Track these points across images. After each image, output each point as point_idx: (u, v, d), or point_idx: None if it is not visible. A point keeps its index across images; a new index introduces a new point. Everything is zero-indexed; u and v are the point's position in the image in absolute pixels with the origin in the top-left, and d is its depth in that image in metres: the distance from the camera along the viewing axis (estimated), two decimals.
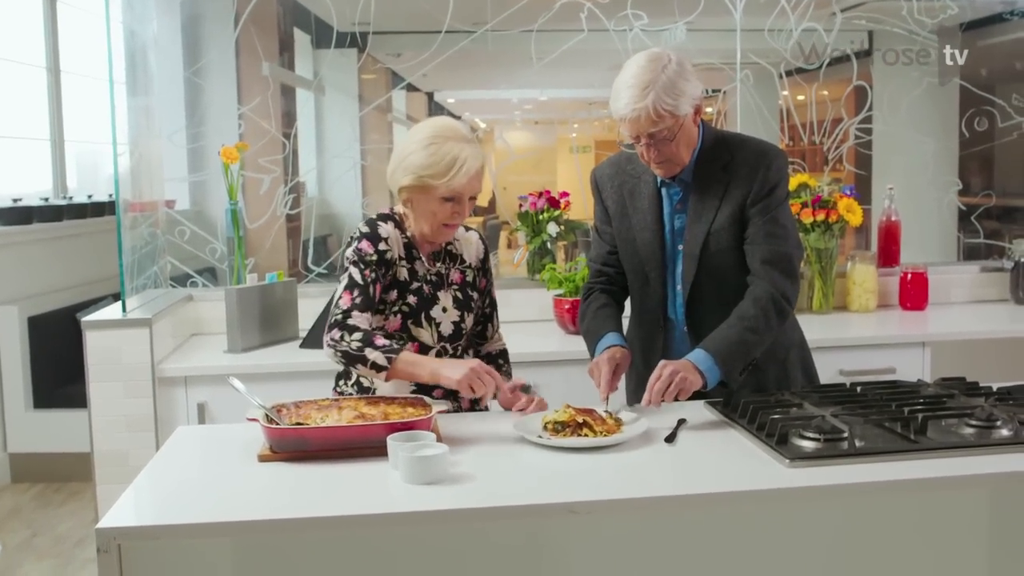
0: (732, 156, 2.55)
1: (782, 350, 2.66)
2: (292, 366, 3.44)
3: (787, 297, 2.49)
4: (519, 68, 4.23)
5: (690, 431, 2.35)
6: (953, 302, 4.31)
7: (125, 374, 3.36)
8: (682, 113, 2.42)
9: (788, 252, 2.52)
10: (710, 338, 2.45)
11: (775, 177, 2.53)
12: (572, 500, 1.93)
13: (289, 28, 4.38)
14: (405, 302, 2.54)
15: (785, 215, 2.56)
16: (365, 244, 2.50)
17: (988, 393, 2.47)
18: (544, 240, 4.13)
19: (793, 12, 4.22)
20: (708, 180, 2.55)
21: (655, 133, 2.42)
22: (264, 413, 2.26)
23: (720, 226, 2.53)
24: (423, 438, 2.13)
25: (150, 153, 4.02)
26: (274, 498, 2.00)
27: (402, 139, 2.54)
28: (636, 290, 2.73)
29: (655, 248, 2.62)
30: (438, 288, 2.60)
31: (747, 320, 2.44)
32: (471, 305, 2.65)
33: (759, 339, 2.45)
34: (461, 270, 2.66)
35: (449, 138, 2.45)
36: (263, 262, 4.06)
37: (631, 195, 2.67)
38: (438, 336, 2.58)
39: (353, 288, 2.46)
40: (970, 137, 4.46)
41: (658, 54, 2.44)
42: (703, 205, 2.55)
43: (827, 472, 2.03)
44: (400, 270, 2.54)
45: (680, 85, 2.40)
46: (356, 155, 4.27)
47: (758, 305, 2.46)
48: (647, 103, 2.37)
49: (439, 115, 4.89)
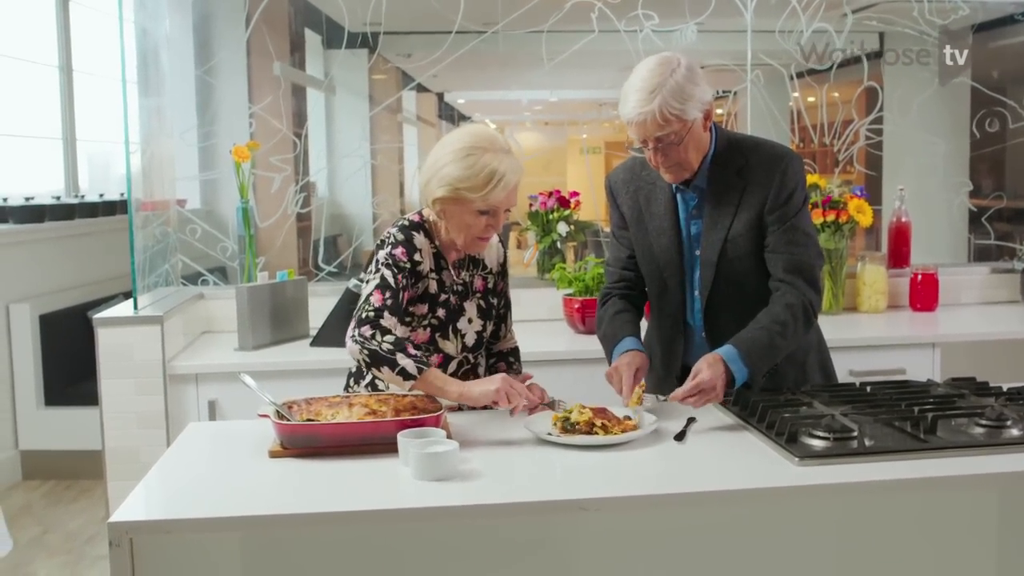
0: (747, 160, 2.53)
1: (801, 353, 2.66)
2: (302, 364, 3.45)
3: (814, 306, 2.49)
4: (529, 69, 4.23)
5: (699, 430, 2.35)
6: (963, 303, 4.31)
7: (136, 371, 3.38)
8: (690, 118, 2.41)
9: (811, 262, 2.51)
10: (741, 339, 2.43)
11: (792, 182, 2.51)
12: (582, 497, 1.94)
13: (300, 28, 4.39)
14: (435, 315, 2.52)
15: (805, 221, 2.54)
16: (400, 251, 2.45)
17: (998, 393, 2.47)
18: (554, 240, 4.14)
19: (804, 13, 4.22)
20: (723, 185, 2.54)
21: (662, 137, 2.41)
22: (275, 409, 2.27)
23: (737, 233, 2.52)
24: (433, 435, 2.14)
25: (162, 152, 4.04)
26: (284, 493, 2.01)
27: (436, 147, 2.48)
28: (655, 295, 2.73)
29: (673, 254, 2.61)
30: (464, 298, 2.58)
31: (779, 325, 2.43)
32: (492, 313, 2.64)
33: (787, 344, 2.45)
34: (484, 276, 2.63)
35: (487, 149, 2.39)
36: (274, 261, 4.07)
37: (647, 201, 2.65)
38: (462, 347, 2.57)
39: (386, 290, 2.40)
40: (981, 138, 4.45)
41: (667, 58, 2.42)
42: (719, 211, 2.54)
43: (836, 471, 2.03)
44: (430, 283, 2.51)
45: (688, 89, 2.38)
46: (366, 155, 4.28)
47: (790, 311, 2.45)
48: (653, 107, 2.36)
49: (449, 116, 4.91)
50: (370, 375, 2.58)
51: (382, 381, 2.56)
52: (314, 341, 3.64)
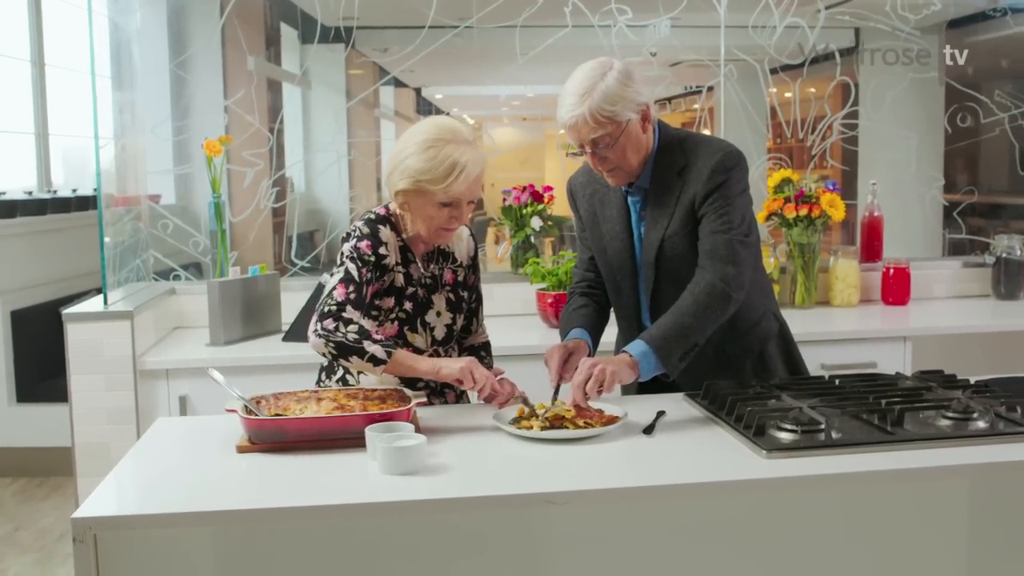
0: (687, 160, 2.51)
1: (756, 342, 2.66)
2: (274, 359, 3.44)
3: (727, 281, 2.42)
4: (505, 64, 4.23)
5: (668, 423, 2.35)
6: (935, 297, 4.33)
7: (106, 367, 3.35)
8: (622, 119, 2.39)
9: (728, 239, 2.44)
10: (647, 329, 2.44)
11: (722, 175, 2.46)
12: (550, 490, 1.93)
13: (276, 22, 4.36)
14: (402, 308, 2.51)
15: (733, 210, 2.47)
16: (365, 245, 2.45)
17: (965, 386, 2.48)
18: (528, 234, 4.13)
19: (777, 8, 4.22)
20: (663, 186, 2.53)
21: (596, 140, 2.40)
22: (243, 404, 2.26)
23: (674, 231, 2.51)
24: (401, 429, 2.13)
25: (134, 147, 4.00)
26: (252, 488, 2.00)
27: (400, 139, 2.48)
28: (613, 298, 2.74)
29: (625, 257, 2.62)
30: (432, 291, 2.57)
31: (681, 307, 2.42)
32: (462, 306, 2.63)
33: (696, 323, 2.40)
34: (453, 269, 2.63)
35: (448, 141, 2.38)
36: (248, 256, 4.05)
37: (601, 204, 2.66)
38: (431, 340, 2.56)
39: (349, 283, 2.39)
40: (954, 133, 4.48)
41: (602, 61, 2.42)
42: (659, 212, 2.53)
43: (804, 463, 2.04)
44: (397, 276, 2.50)
45: (619, 91, 2.37)
46: (343, 150, 4.26)
47: (692, 291, 2.43)
48: (583, 110, 2.36)
49: (427, 111, 4.89)
50: (341, 369, 2.57)
51: (352, 375, 2.55)
52: (286, 336, 3.63)
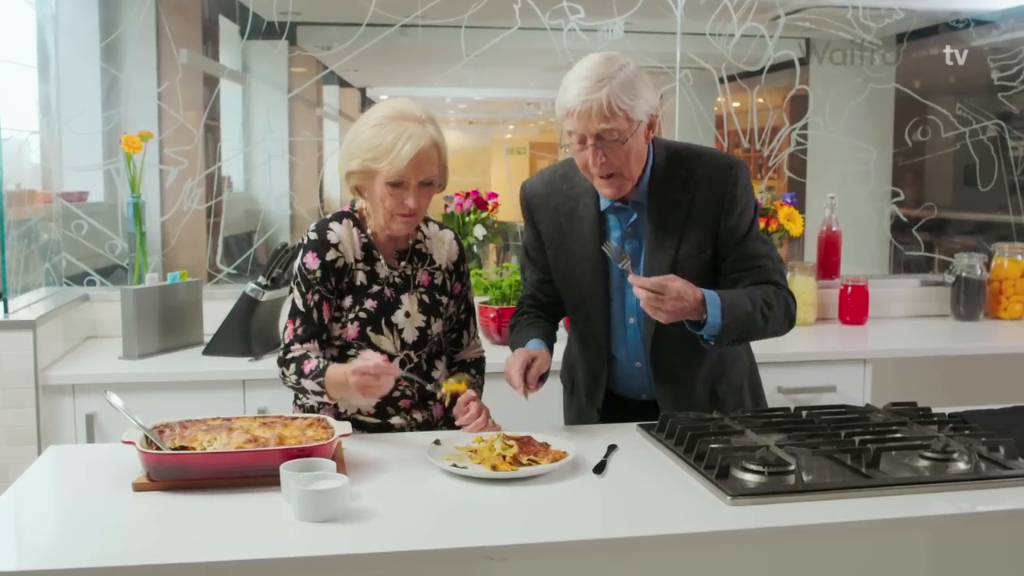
0: (691, 172, 2.31)
1: (739, 376, 2.48)
2: (194, 375, 3.16)
3: (792, 307, 2.33)
4: (451, 64, 4.01)
5: (621, 460, 2.12)
6: (893, 316, 4.20)
7: (4, 381, 3.04)
8: (636, 118, 2.18)
9: (778, 267, 2.35)
10: (726, 295, 2.21)
11: (744, 196, 2.31)
12: (487, 544, 1.69)
13: (214, 15, 4.10)
14: (363, 307, 2.34)
15: (757, 230, 2.36)
16: (310, 258, 2.32)
17: (941, 421, 2.29)
18: (471, 243, 3.89)
19: (735, 13, 4.05)
20: (667, 202, 2.31)
21: (605, 133, 2.16)
22: (143, 435, 1.99)
23: (688, 253, 2.30)
24: (321, 467, 1.89)
25: (49, 141, 3.70)
26: (144, 537, 1.73)
27: (354, 124, 2.36)
28: (578, 323, 2.50)
29: (595, 279, 2.38)
30: (402, 291, 2.38)
31: (764, 301, 2.25)
32: (439, 310, 2.42)
33: (764, 326, 2.26)
34: (430, 272, 2.43)
35: (395, 119, 2.25)
36: (179, 260, 3.78)
37: (568, 219, 2.40)
38: (401, 343, 2.36)
39: (296, 317, 2.33)
40: (913, 147, 4.34)
41: (615, 55, 2.22)
42: (664, 230, 2.30)
43: (772, 511, 1.82)
44: (356, 274, 2.34)
45: (638, 87, 2.17)
46: (284, 150, 4.00)
47: (776, 295, 2.28)
48: (601, 95, 2.13)
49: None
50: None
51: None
52: (207, 349, 3.34)
